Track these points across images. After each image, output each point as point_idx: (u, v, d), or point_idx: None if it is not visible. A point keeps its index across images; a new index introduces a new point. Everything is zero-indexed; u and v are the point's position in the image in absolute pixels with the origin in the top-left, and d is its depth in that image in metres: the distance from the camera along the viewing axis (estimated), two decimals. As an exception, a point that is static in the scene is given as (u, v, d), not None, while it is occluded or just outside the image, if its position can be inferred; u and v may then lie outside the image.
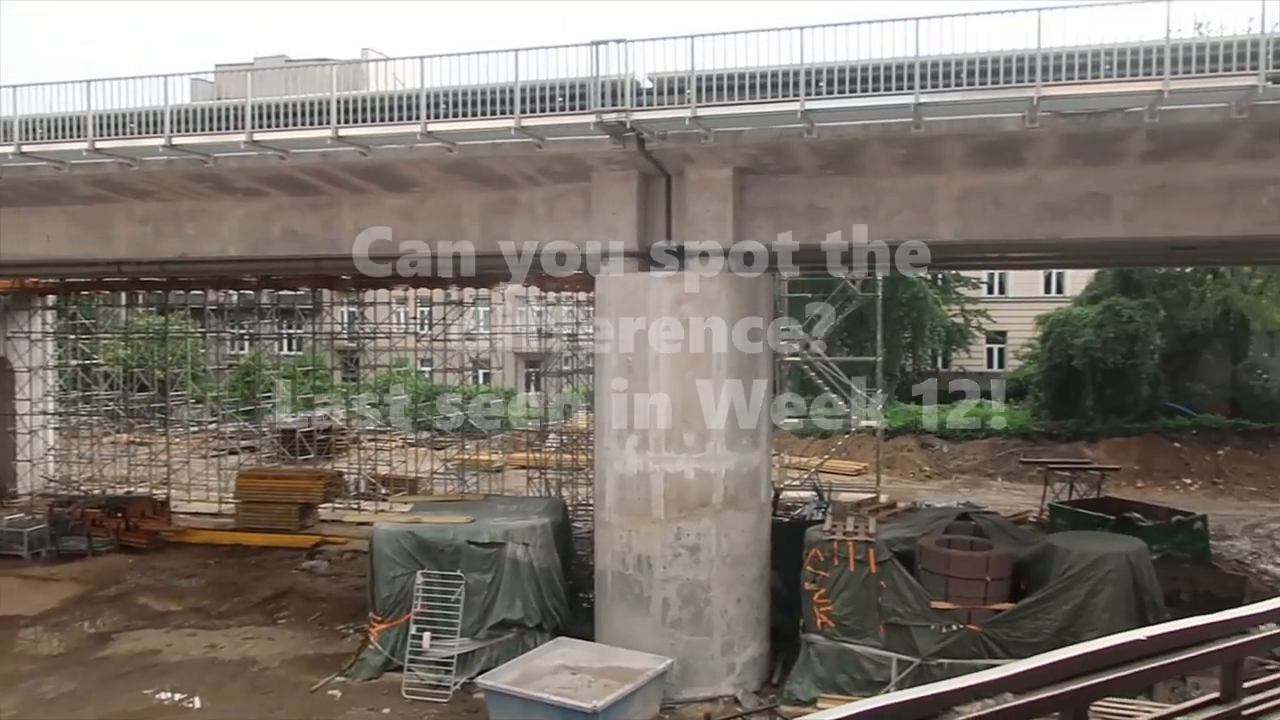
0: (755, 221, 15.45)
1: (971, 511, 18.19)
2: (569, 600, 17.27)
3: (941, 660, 14.56)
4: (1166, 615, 14.13)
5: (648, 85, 14.49)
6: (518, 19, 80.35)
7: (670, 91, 14.21)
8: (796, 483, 25.18)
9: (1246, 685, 1.89)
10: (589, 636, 16.02)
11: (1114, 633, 2.13)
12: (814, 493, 23.31)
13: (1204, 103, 12.70)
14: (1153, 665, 1.87)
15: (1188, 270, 32.88)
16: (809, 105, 13.31)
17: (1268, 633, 1.94)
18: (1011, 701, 1.55)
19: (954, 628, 14.58)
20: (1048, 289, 43.22)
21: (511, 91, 14.08)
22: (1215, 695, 1.90)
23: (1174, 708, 1.90)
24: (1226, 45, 12.65)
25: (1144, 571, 14.89)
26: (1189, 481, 30.83)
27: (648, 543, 15.34)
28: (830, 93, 13.49)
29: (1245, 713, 1.90)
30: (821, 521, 16.69)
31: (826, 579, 15.25)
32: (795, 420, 29.76)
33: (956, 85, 13.21)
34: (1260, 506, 28.02)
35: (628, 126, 14.08)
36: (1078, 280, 39.86)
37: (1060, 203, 14.54)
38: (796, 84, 13.30)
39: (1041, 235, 14.99)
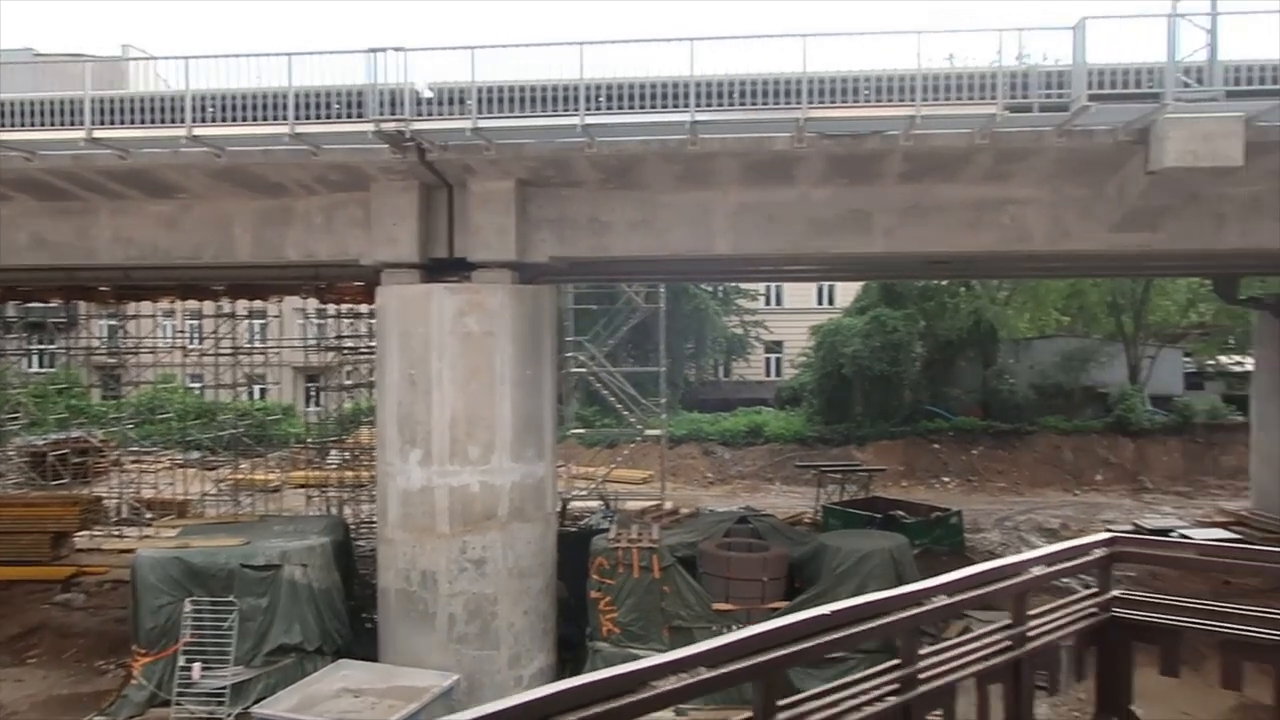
0: (539, 234, 15.53)
1: (750, 515, 18.91)
2: (351, 621, 16.77)
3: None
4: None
5: (428, 94, 14.34)
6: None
7: (452, 101, 14.11)
8: (583, 492, 25.40)
9: (924, 650, 2.12)
10: (372, 657, 15.59)
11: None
12: (601, 502, 23.59)
13: (952, 128, 13.71)
14: (838, 636, 2.04)
15: (944, 283, 35.29)
16: (590, 120, 13.52)
17: (939, 603, 2.19)
18: (706, 674, 1.67)
19: (734, 628, 15.09)
20: (820, 301, 45.37)
21: (285, 96, 13.61)
22: (898, 660, 2.11)
23: (863, 674, 2.08)
24: (970, 75, 13.73)
25: (906, 564, 15.89)
26: (947, 480, 33.06)
27: (432, 558, 15.11)
28: (611, 108, 13.76)
29: (920, 675, 2.12)
30: (607, 530, 16.93)
31: (612, 586, 15.48)
32: (582, 430, 30.06)
33: (730, 104, 13.76)
34: (1009, 501, 30.35)
35: (407, 136, 13.87)
36: (847, 292, 41.96)
37: (827, 219, 15.34)
38: (578, 98, 13.49)
39: (811, 249, 15.75)
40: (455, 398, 14.97)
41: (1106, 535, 2.44)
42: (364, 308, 24.86)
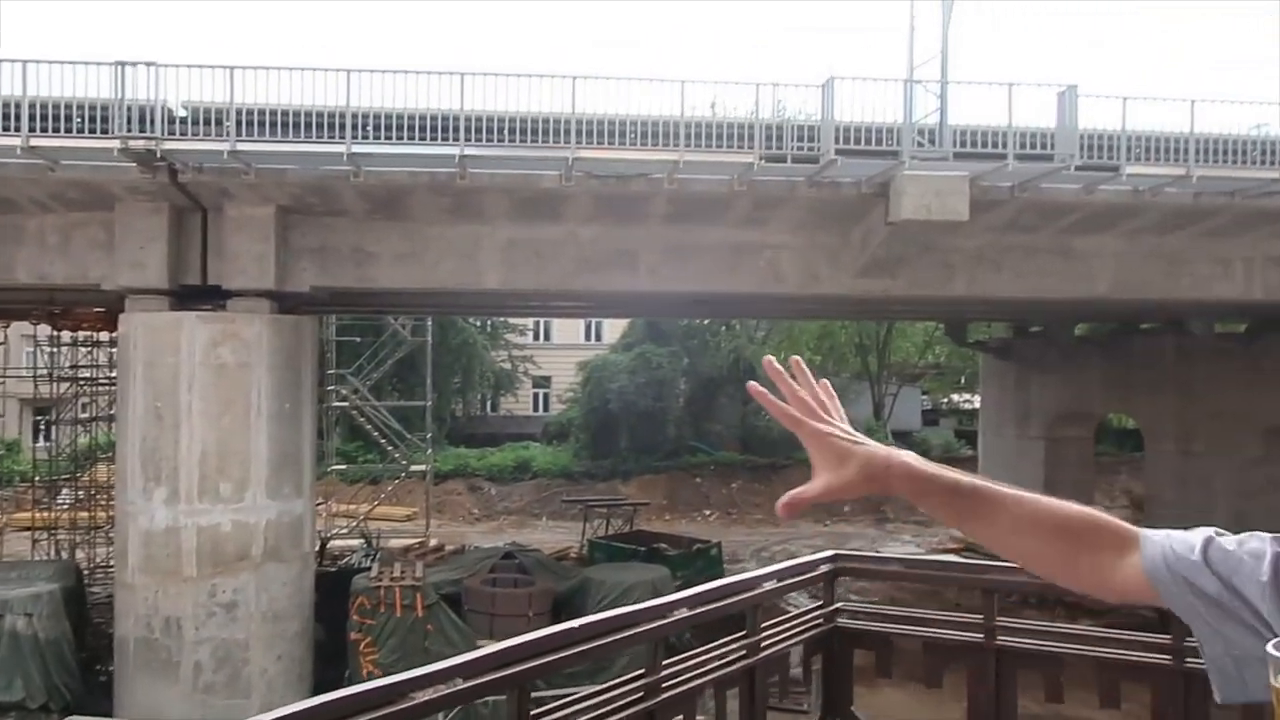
0: (300, 263, 15.03)
1: (516, 551, 18.87)
2: (83, 674, 15.51)
3: (487, 699, 14.88)
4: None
5: (182, 113, 13.69)
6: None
7: (209, 122, 13.53)
8: (344, 531, 24.58)
9: (667, 660, 2.28)
10: (108, 713, 14.44)
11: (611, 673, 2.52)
12: (362, 540, 22.91)
13: (713, 174, 14.38)
14: (589, 647, 2.15)
15: (706, 322, 36.67)
16: (357, 148, 13.29)
17: (681, 615, 2.35)
18: (462, 685, 1.73)
19: (498, 664, 14.99)
20: (588, 337, 45.99)
21: (19, 106, 12.62)
22: (643, 670, 2.25)
23: (609, 684, 2.20)
24: (730, 125, 14.51)
25: (667, 595, 16.27)
26: (708, 512, 34.13)
27: (178, 603, 14.20)
28: (380, 137, 13.59)
29: (663, 684, 2.27)
30: (369, 569, 16.47)
31: (373, 627, 15.05)
32: (343, 466, 29.12)
33: (501, 140, 13.88)
34: (766, 532, 31.64)
35: (158, 156, 13.15)
36: (614, 329, 42.79)
37: (595, 256, 15.67)
38: (344, 125, 13.23)
39: (579, 286, 16.04)
40: (207, 432, 14.20)
41: (830, 553, 2.68)
42: (105, 335, 23.17)
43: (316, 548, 17.55)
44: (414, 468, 27.51)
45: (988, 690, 2.40)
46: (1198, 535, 1.27)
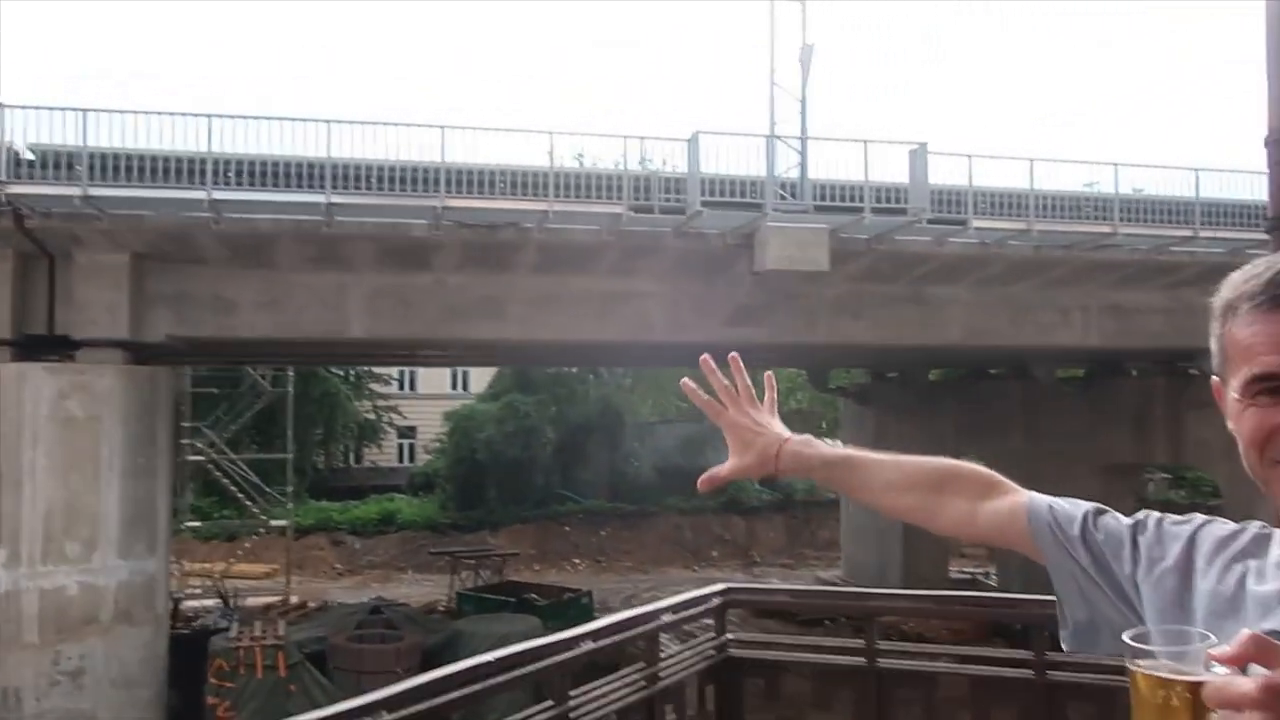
0: (156, 311, 14.50)
1: (383, 605, 18.44)
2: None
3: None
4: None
5: (30, 157, 13.17)
6: None
7: (58, 165, 13.05)
8: (199, 590, 23.55)
9: (573, 691, 2.37)
10: (-65, 795, 13.44)
11: (512, 706, 2.58)
12: (219, 600, 21.99)
13: (582, 224, 14.57)
14: (505, 678, 2.21)
15: (575, 370, 36.77)
16: (217, 194, 13.00)
17: (588, 648, 2.43)
18: (386, 717, 1.77)
19: (366, 723, 14.56)
20: (455, 386, 45.50)
21: None
22: (551, 702, 2.33)
23: (520, 714, 2.26)
24: (598, 177, 14.76)
25: (539, 646, 16.14)
26: (578, 561, 33.99)
27: (17, 673, 13.33)
28: (242, 184, 13.33)
29: (570, 714, 2.35)
30: (227, 629, 15.83)
31: (232, 690, 14.45)
32: (197, 523, 27.96)
33: (369, 188, 13.79)
34: (635, 579, 31.69)
35: (3, 200, 12.58)
36: (481, 378, 42.49)
37: (463, 305, 15.60)
38: (204, 171, 12.94)
39: (447, 334, 15.94)
40: (53, 490, 13.48)
41: (722, 586, 2.81)
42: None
43: (170, 609, 16.76)
44: (273, 523, 26.65)
45: (871, 711, 2.55)
46: (1078, 510, 1.45)
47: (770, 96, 15.69)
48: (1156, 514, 1.40)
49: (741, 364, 1.74)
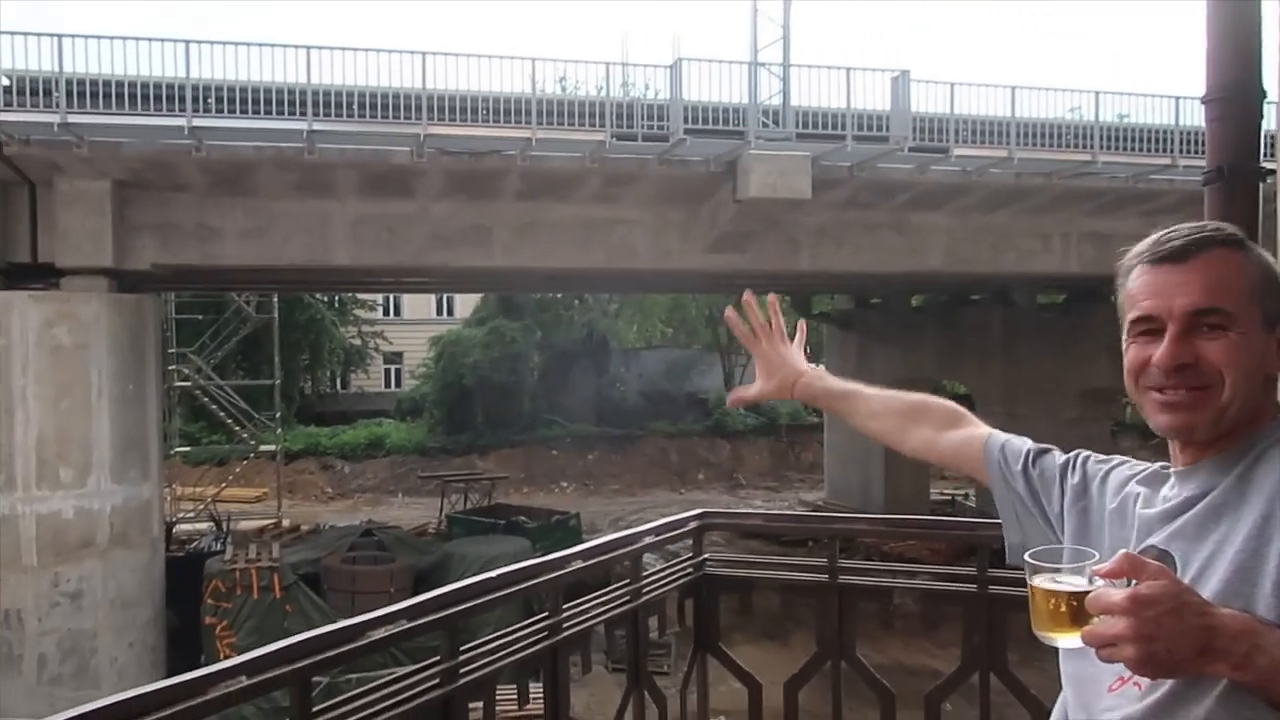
0: (139, 239, 14.52)
1: (374, 528, 18.77)
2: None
3: (350, 675, 14.85)
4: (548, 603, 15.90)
5: (4, 82, 13.06)
6: None
7: (35, 93, 12.94)
8: (191, 514, 23.90)
9: (565, 605, 2.63)
10: (-59, 713, 13.83)
11: (502, 621, 2.81)
12: (211, 523, 22.34)
13: (565, 152, 14.57)
14: (507, 592, 2.42)
15: (560, 296, 36.85)
16: (198, 122, 12.94)
17: (578, 566, 2.68)
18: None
19: (360, 642, 14.95)
20: (439, 312, 45.52)
21: None
22: (546, 614, 2.59)
23: (518, 625, 2.49)
24: (582, 103, 14.72)
25: (527, 567, 16.52)
26: (565, 484, 34.47)
27: (18, 595, 13.65)
28: (223, 111, 13.26)
29: (564, 624, 2.59)
30: (221, 552, 16.14)
31: (229, 610, 14.77)
32: (187, 449, 28.22)
33: (351, 116, 13.74)
34: (623, 502, 32.20)
35: (-20, 127, 12.52)
36: (467, 304, 42.49)
37: (448, 233, 15.66)
38: (184, 98, 12.87)
39: (432, 262, 16.00)
40: (44, 416, 13.65)
41: (699, 510, 3.07)
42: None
43: (164, 532, 17.06)
44: (263, 447, 26.91)
45: (833, 620, 2.81)
46: (1024, 446, 1.72)
47: (753, 22, 15.59)
48: (1085, 453, 1.65)
49: (778, 305, 2.12)
